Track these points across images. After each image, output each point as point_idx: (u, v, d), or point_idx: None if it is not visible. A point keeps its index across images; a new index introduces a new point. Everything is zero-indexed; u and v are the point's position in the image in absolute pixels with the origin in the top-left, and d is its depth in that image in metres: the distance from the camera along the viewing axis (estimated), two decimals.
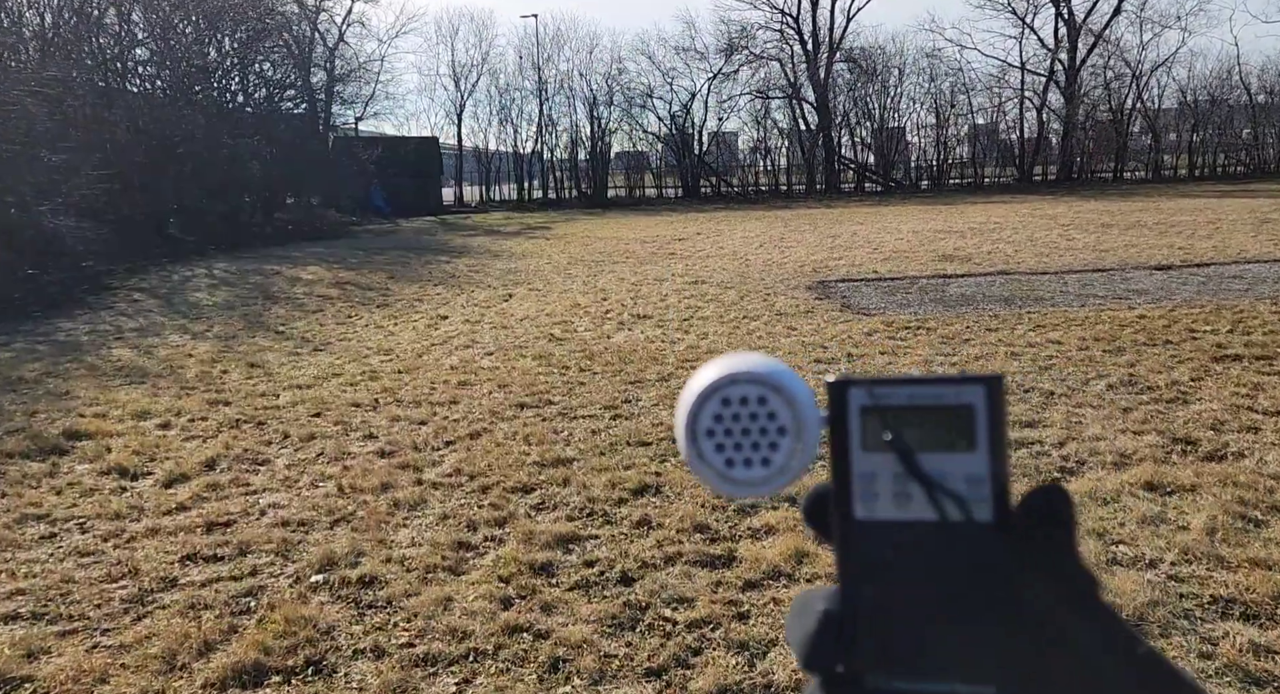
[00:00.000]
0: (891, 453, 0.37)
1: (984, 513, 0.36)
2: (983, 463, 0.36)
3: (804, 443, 0.38)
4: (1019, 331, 6.97)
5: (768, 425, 0.39)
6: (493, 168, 35.91)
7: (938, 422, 0.37)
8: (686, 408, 0.40)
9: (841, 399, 0.38)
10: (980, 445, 0.36)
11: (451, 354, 7.34)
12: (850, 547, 0.38)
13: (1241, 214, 16.83)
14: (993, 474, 0.36)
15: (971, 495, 0.36)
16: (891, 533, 0.37)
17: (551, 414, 5.38)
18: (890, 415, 0.37)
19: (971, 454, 0.36)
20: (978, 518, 0.36)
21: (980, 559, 0.36)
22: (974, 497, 0.36)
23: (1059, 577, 0.35)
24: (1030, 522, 0.36)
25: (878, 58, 35.74)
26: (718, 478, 0.40)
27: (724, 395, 0.39)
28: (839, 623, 0.37)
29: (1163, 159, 34.83)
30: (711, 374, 0.40)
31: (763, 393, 0.38)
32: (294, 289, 11.68)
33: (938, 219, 19.04)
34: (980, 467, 0.36)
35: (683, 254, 14.25)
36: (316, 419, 5.50)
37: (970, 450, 0.36)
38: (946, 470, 0.36)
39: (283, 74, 22.40)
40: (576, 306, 9.44)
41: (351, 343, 8.04)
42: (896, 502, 0.37)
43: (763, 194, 34.77)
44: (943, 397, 0.37)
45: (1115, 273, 9.85)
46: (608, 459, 4.45)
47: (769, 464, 0.39)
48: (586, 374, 6.39)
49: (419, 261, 14.76)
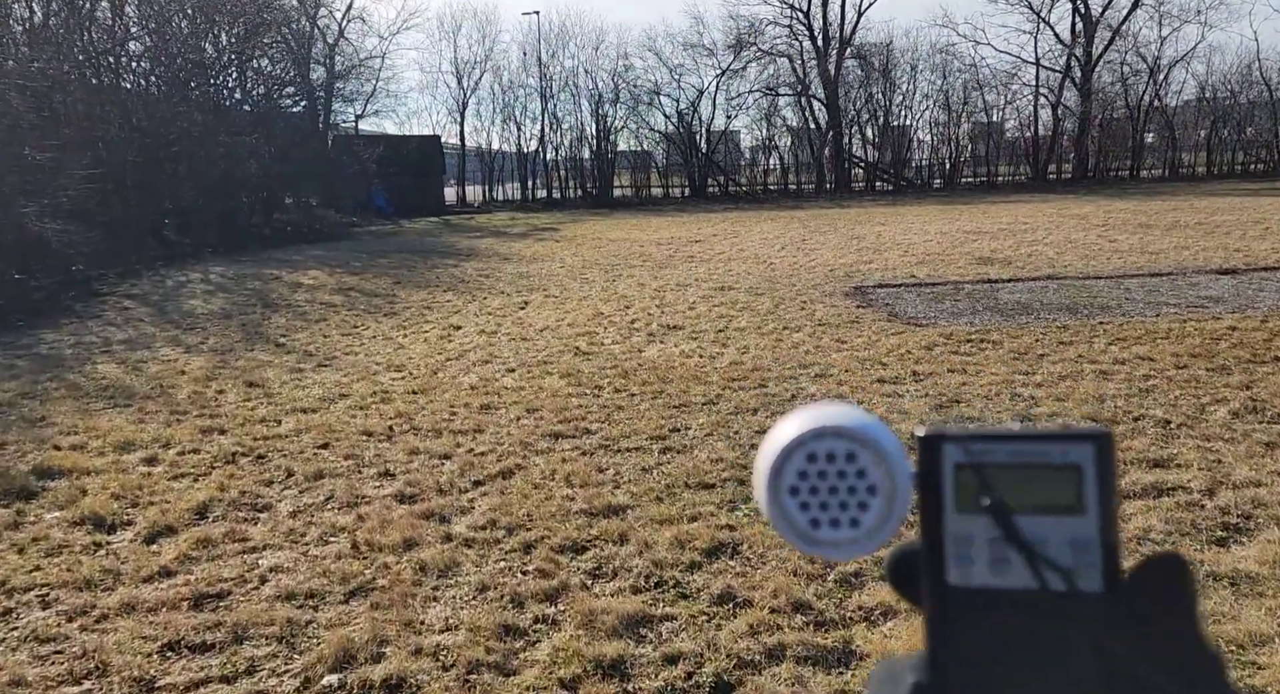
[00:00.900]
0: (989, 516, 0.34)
1: (1092, 582, 0.33)
2: (1092, 527, 0.33)
3: (896, 503, 0.35)
4: (1098, 346, 6.31)
5: (856, 484, 0.36)
6: (496, 167, 35.22)
7: (1041, 481, 0.34)
8: (769, 463, 0.37)
9: (935, 455, 0.35)
10: (1089, 508, 0.34)
11: (469, 371, 6.68)
12: (942, 614, 0.35)
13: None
14: (1103, 540, 0.33)
15: (1078, 562, 0.33)
16: (988, 601, 0.34)
17: (591, 446, 4.72)
18: (988, 474, 0.34)
19: (1079, 518, 0.34)
20: (1085, 588, 0.33)
21: (1087, 633, 0.33)
22: (1081, 564, 0.33)
23: (1177, 655, 0.32)
24: (1145, 593, 0.33)
25: (889, 54, 35.08)
26: (802, 539, 0.37)
27: (810, 451, 0.36)
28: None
29: (1181, 157, 34.17)
30: (796, 427, 0.36)
31: (852, 448, 0.36)
32: (295, 295, 11.01)
33: (962, 219, 18.37)
34: (1089, 531, 0.34)
35: (702, 257, 13.58)
36: (324, 452, 4.84)
37: (1078, 514, 0.34)
38: (1050, 535, 0.34)
39: (281, 71, 21.72)
40: (599, 315, 8.78)
41: (359, 357, 7.38)
42: (994, 567, 0.34)
43: (771, 193, 34.10)
44: (1047, 455, 0.34)
45: (1176, 277, 9.19)
46: (667, 507, 3.78)
47: (858, 525, 0.36)
48: (623, 396, 5.72)
49: (425, 265, 14.10)
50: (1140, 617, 0.33)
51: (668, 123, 34.96)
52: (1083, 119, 33.40)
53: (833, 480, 0.37)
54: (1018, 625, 0.34)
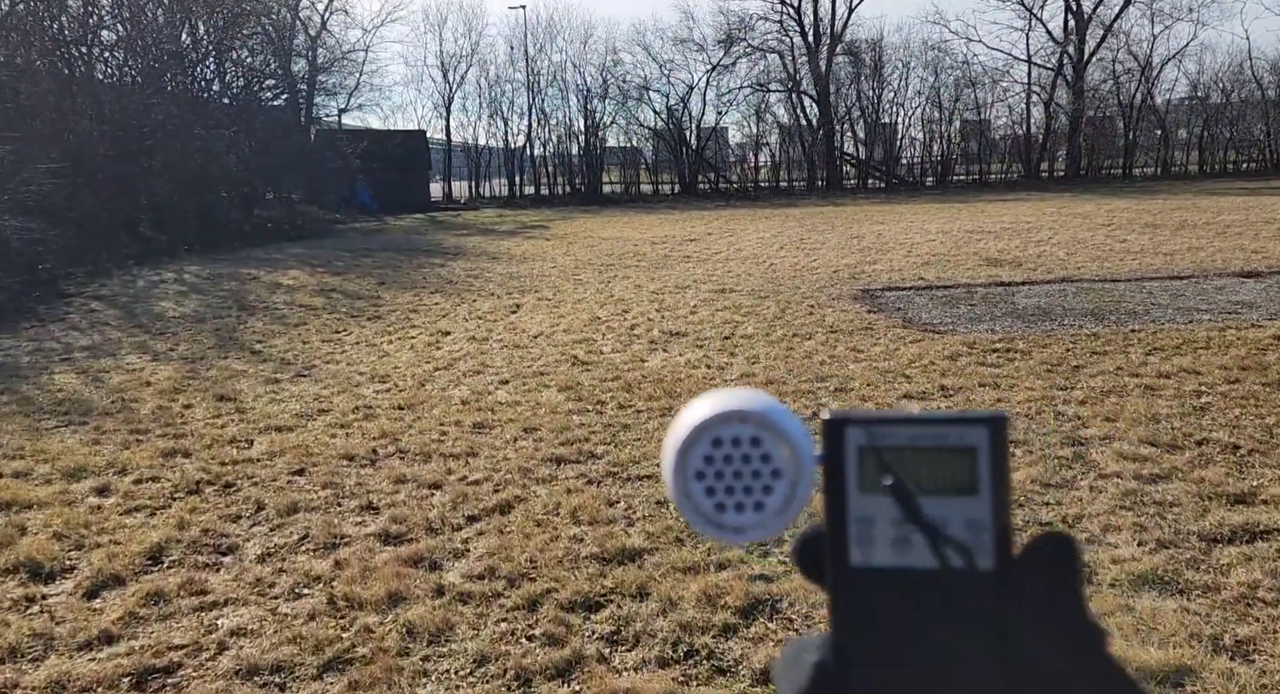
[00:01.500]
0: (890, 497, 0.35)
1: (985, 560, 0.34)
2: (985, 508, 0.35)
3: (799, 486, 0.36)
4: (1135, 356, 5.89)
5: (761, 468, 0.36)
6: (482, 163, 34.62)
7: (939, 464, 0.35)
8: (674, 448, 0.37)
9: (839, 439, 0.36)
10: (983, 490, 0.35)
11: (459, 382, 6.18)
12: (844, 594, 0.36)
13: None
14: (995, 520, 0.34)
15: (973, 542, 0.34)
16: (888, 580, 0.35)
17: (598, 473, 4.24)
18: (889, 456, 0.35)
19: (973, 498, 0.35)
20: (979, 566, 0.34)
21: (980, 608, 0.34)
22: (975, 543, 0.34)
23: (1063, 628, 0.33)
24: (1034, 570, 0.34)
25: (880, 51, 34.72)
26: (708, 523, 0.37)
27: (715, 435, 0.36)
28: (832, 675, 0.35)
29: (1173, 155, 34.00)
30: (701, 412, 0.37)
31: (756, 433, 0.36)
32: (273, 297, 10.46)
33: (962, 218, 18.00)
34: (983, 512, 0.35)
35: (698, 257, 13.12)
36: (299, 479, 4.34)
37: (972, 494, 0.35)
38: (947, 515, 0.35)
39: (261, 63, 21.05)
40: (596, 320, 8.30)
41: (340, 366, 6.87)
42: (895, 547, 0.35)
43: (762, 191, 33.68)
44: (945, 438, 0.35)
45: (1198, 280, 8.81)
46: (690, 551, 3.32)
47: (762, 509, 0.36)
48: (628, 413, 5.25)
49: (411, 265, 13.56)
50: (1029, 593, 0.33)
51: (657, 119, 34.49)
52: (1075, 117, 33.17)
53: (737, 465, 0.36)
54: (916, 603, 0.34)
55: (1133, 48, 33.95)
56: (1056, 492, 3.67)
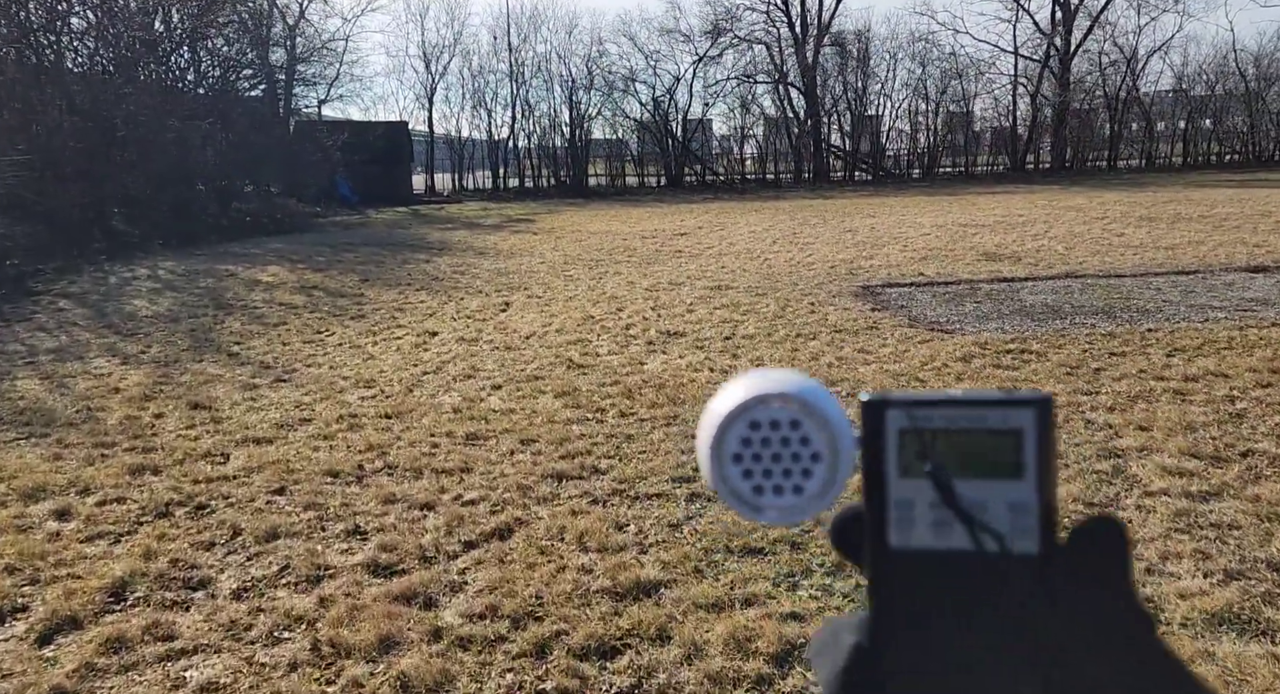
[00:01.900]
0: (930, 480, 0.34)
1: (1029, 545, 0.33)
2: (1030, 491, 0.34)
3: (839, 469, 0.35)
4: (1156, 358, 5.65)
5: (800, 450, 0.35)
6: (466, 155, 34.09)
7: (982, 446, 0.34)
8: (711, 430, 0.36)
9: (878, 421, 0.35)
10: (1028, 473, 0.34)
11: (450, 388, 5.86)
12: (883, 577, 0.35)
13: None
14: (1041, 503, 0.33)
15: (1016, 526, 0.33)
16: (928, 563, 0.34)
17: (603, 491, 3.94)
18: (930, 439, 0.34)
19: (1018, 482, 0.34)
20: (1022, 550, 0.33)
21: (1024, 593, 0.33)
22: (1019, 527, 0.33)
23: (1109, 614, 0.32)
24: (1080, 556, 0.33)
25: (867, 42, 34.47)
26: (745, 506, 0.37)
27: (752, 418, 0.36)
28: (870, 658, 0.34)
29: (1158, 148, 34.01)
30: (739, 393, 0.36)
31: (795, 415, 0.35)
32: (251, 295, 10.06)
33: (954, 211, 17.79)
34: (1027, 495, 0.34)
35: (690, 252, 12.82)
36: (279, 499, 4.01)
37: (1017, 477, 0.34)
38: (990, 498, 0.34)
39: (238, 52, 20.47)
40: (589, 319, 7.98)
41: (323, 369, 6.52)
42: (935, 530, 0.34)
43: (749, 183, 33.39)
44: (988, 420, 0.34)
45: (1205, 275, 8.61)
46: (711, 585, 3.02)
47: (801, 492, 0.36)
48: (631, 421, 4.95)
49: (395, 260, 13.17)
50: (1074, 578, 0.32)
51: (643, 110, 34.09)
52: (1061, 109, 33.08)
53: (776, 447, 0.35)
54: (956, 587, 0.33)
55: (1118, 39, 33.94)
56: (1101, 512, 3.41)
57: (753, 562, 3.19)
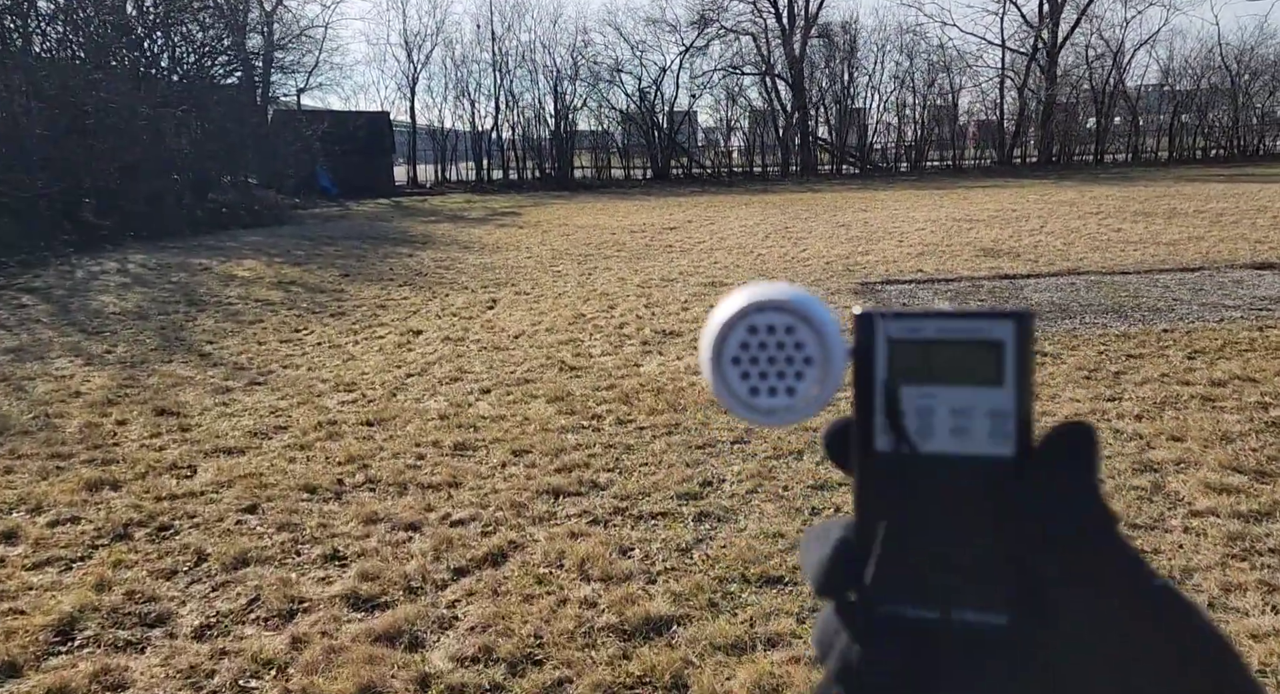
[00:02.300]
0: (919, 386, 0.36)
1: (1005, 448, 0.35)
2: (1009, 398, 0.35)
3: (830, 374, 0.37)
4: (1175, 360, 5.42)
5: (794, 355, 0.37)
6: (449, 146, 33.58)
7: (966, 356, 0.36)
8: (713, 334, 0.38)
9: (868, 331, 0.37)
10: (1008, 381, 0.35)
11: (435, 392, 5.53)
12: (868, 478, 0.37)
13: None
14: (1018, 409, 0.35)
15: (995, 430, 0.35)
16: (911, 465, 0.36)
17: (604, 509, 3.64)
18: (916, 348, 0.36)
19: (998, 389, 0.35)
20: (998, 452, 0.35)
21: (999, 492, 0.35)
22: (997, 431, 0.35)
23: (1077, 512, 0.34)
24: (1052, 457, 0.35)
25: (855, 33, 34.22)
26: (742, 406, 0.38)
27: (751, 323, 0.37)
28: (854, 550, 0.36)
29: (1144, 142, 34.01)
30: (740, 301, 0.38)
31: (791, 322, 0.37)
32: (226, 290, 9.66)
33: (946, 205, 17.58)
34: (1006, 402, 0.35)
35: (681, 246, 12.51)
36: (250, 518, 3.68)
37: (997, 385, 0.35)
38: (972, 404, 0.36)
39: (213, 37, 19.89)
40: (580, 317, 7.67)
41: (300, 372, 6.17)
42: (918, 435, 0.36)
43: (736, 176, 33.10)
44: (972, 331, 0.36)
45: (1210, 272, 8.41)
46: (729, 622, 2.73)
47: (794, 394, 0.37)
48: (630, 430, 4.65)
49: (376, 254, 12.77)
50: (1046, 477, 0.34)
51: (629, 101, 33.69)
52: (1048, 102, 33.00)
53: (772, 351, 0.37)
54: (937, 487, 0.35)
55: (1105, 33, 33.88)
56: (1148, 535, 3.14)
57: (773, 593, 2.90)
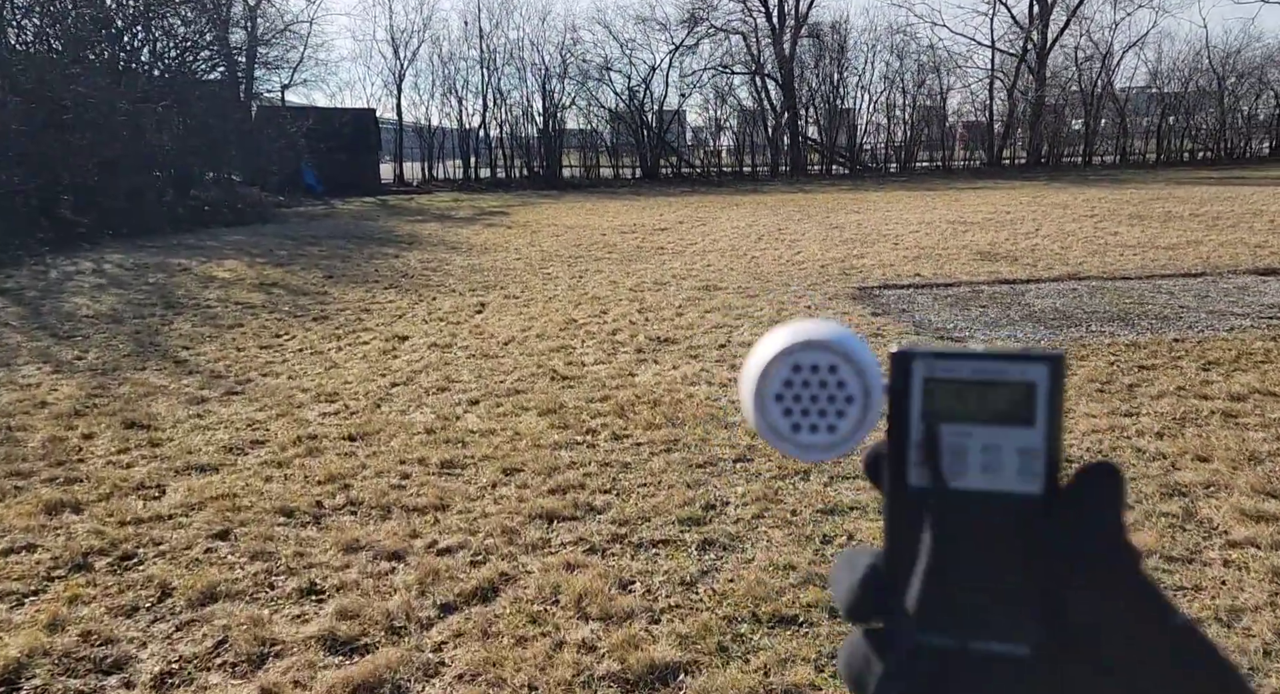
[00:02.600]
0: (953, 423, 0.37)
1: (1034, 486, 0.36)
2: (1039, 438, 0.36)
3: (870, 412, 0.38)
4: (1189, 371, 5.24)
5: (836, 393, 0.38)
6: (435, 144, 33.21)
7: (999, 396, 0.37)
8: (757, 371, 0.39)
9: (905, 371, 0.38)
10: (1039, 421, 0.36)
11: (421, 403, 5.29)
12: (900, 511, 0.38)
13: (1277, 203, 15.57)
14: (1047, 449, 0.36)
15: (1024, 469, 0.36)
16: (943, 501, 0.37)
17: (602, 536, 3.41)
18: (952, 388, 0.37)
19: (1029, 429, 0.36)
20: (1027, 491, 0.36)
21: (1026, 529, 0.36)
22: (1026, 470, 0.36)
23: (1102, 550, 0.35)
24: (1079, 496, 0.36)
25: (845, 33, 34.09)
26: (784, 442, 0.39)
27: (795, 361, 0.38)
28: (883, 578, 0.37)
29: (1133, 144, 34.06)
30: (784, 339, 0.39)
31: (834, 361, 0.38)
32: (205, 293, 9.36)
33: (939, 207, 17.43)
34: (1036, 441, 0.36)
35: (673, 248, 12.29)
36: (221, 545, 3.43)
37: (1028, 425, 0.36)
38: (1002, 443, 0.37)
39: (195, 32, 19.50)
40: (572, 323, 7.43)
41: (280, 380, 5.91)
42: (950, 470, 0.37)
43: (725, 176, 32.90)
44: (1006, 373, 0.37)
45: (1214, 278, 8.26)
46: (740, 669, 2.51)
47: (834, 431, 0.39)
48: (626, 446, 4.42)
49: (361, 255, 12.48)
50: (1072, 515, 0.35)
51: (618, 100, 33.43)
52: (1037, 104, 32.98)
53: (815, 389, 0.38)
54: (967, 522, 0.36)
55: (1094, 34, 33.90)
56: (1186, 569, 2.94)
57: (787, 635, 2.68)
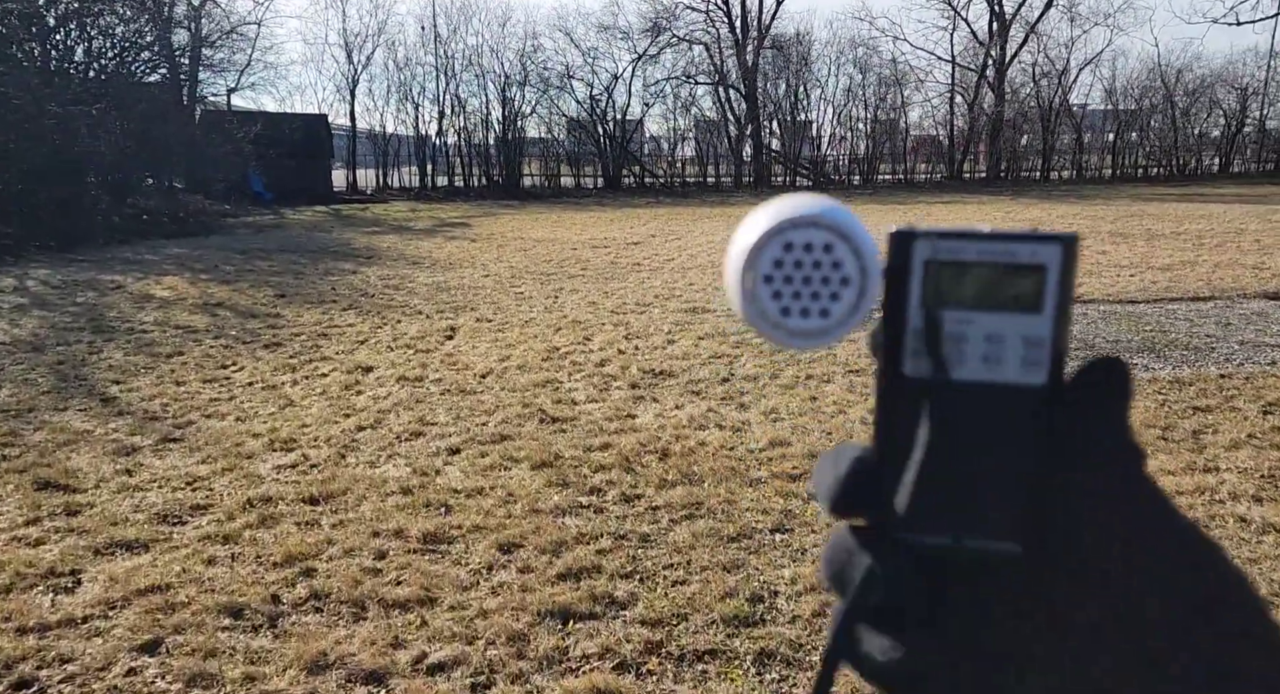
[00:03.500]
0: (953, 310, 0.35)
1: (1038, 376, 0.34)
2: (1046, 325, 0.34)
3: (866, 295, 0.35)
4: (1252, 415, 4.76)
5: (830, 274, 0.35)
6: (390, 151, 32.19)
7: (1006, 280, 0.34)
8: (744, 249, 0.36)
9: (905, 251, 0.35)
10: (1047, 308, 0.34)
11: (394, 451, 4.58)
12: (893, 402, 0.35)
13: (1258, 222, 15.53)
14: (1054, 337, 0.34)
15: (1028, 358, 0.34)
16: (940, 391, 0.35)
17: (631, 646, 2.76)
18: (954, 270, 0.35)
19: (1036, 316, 0.34)
20: (1030, 381, 0.34)
21: (1026, 422, 0.34)
22: (1031, 359, 0.34)
23: (1105, 447, 0.33)
24: (1084, 390, 0.34)
25: (809, 46, 33.99)
26: (772, 327, 0.36)
27: (787, 239, 0.35)
28: (871, 471, 0.35)
29: (1090, 159, 34.50)
30: (773, 215, 0.35)
31: (829, 239, 0.35)
32: (141, 315, 8.47)
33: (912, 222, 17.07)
34: (1043, 329, 0.34)
35: (649, 265, 11.68)
36: (147, 665, 2.70)
37: (1035, 312, 0.34)
38: (1007, 331, 0.34)
39: (134, 31, 18.37)
40: (554, 351, 6.76)
41: (226, 422, 5.15)
42: (950, 360, 0.35)
43: (689, 187, 32.47)
44: (1015, 254, 0.34)
45: (1224, 303, 7.91)
46: None
47: (828, 315, 0.35)
48: (639, 510, 3.78)
49: (316, 270, 11.63)
50: (1077, 409, 0.34)
51: (580, 109, 32.83)
52: (997, 119, 33.22)
53: (808, 270, 0.35)
54: (963, 414, 0.34)
55: (1050, 52, 34.31)
56: None
57: None
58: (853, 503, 0.35)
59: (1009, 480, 0.34)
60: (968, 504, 0.34)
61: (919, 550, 0.34)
